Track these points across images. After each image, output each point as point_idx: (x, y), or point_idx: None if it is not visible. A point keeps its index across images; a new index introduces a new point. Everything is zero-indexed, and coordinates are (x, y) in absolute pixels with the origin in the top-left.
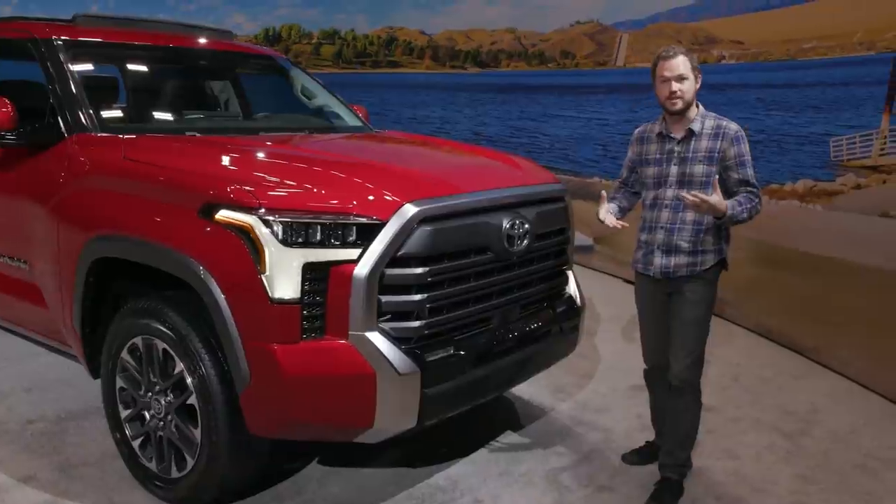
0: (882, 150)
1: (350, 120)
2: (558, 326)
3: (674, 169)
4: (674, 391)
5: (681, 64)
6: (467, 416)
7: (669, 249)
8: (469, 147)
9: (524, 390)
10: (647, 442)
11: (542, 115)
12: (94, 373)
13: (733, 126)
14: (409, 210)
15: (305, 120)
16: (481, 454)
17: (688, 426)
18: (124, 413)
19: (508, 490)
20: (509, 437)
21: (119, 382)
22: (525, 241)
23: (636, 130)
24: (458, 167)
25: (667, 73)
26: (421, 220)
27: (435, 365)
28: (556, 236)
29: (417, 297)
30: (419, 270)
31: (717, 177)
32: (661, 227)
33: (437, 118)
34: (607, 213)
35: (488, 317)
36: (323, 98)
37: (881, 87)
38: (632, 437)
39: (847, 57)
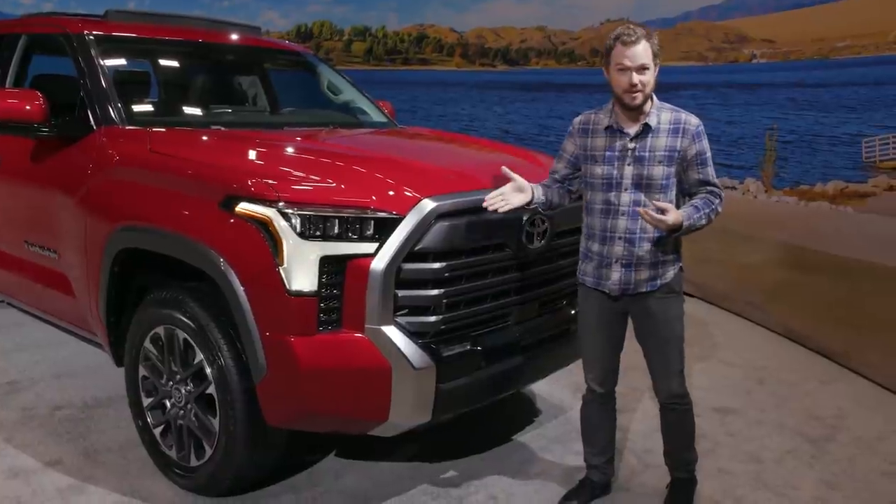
0: None
1: (375, 116)
2: (577, 325)
3: (628, 170)
4: (667, 409)
5: (643, 51)
6: (485, 413)
7: (630, 263)
8: (491, 143)
9: (543, 388)
10: (584, 476)
11: (570, 114)
12: (119, 361)
13: (693, 120)
14: (427, 205)
15: (330, 115)
16: (498, 451)
17: (688, 432)
18: (146, 401)
19: (523, 488)
20: (526, 435)
21: (142, 371)
22: (544, 239)
23: (576, 120)
24: (478, 163)
25: (627, 62)
26: (438, 215)
27: (450, 360)
28: (577, 234)
29: (434, 291)
30: (436, 265)
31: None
32: (620, 238)
33: (465, 115)
34: (513, 191)
35: (506, 313)
36: (349, 94)
37: None
38: (650, 438)
39: (881, 56)
